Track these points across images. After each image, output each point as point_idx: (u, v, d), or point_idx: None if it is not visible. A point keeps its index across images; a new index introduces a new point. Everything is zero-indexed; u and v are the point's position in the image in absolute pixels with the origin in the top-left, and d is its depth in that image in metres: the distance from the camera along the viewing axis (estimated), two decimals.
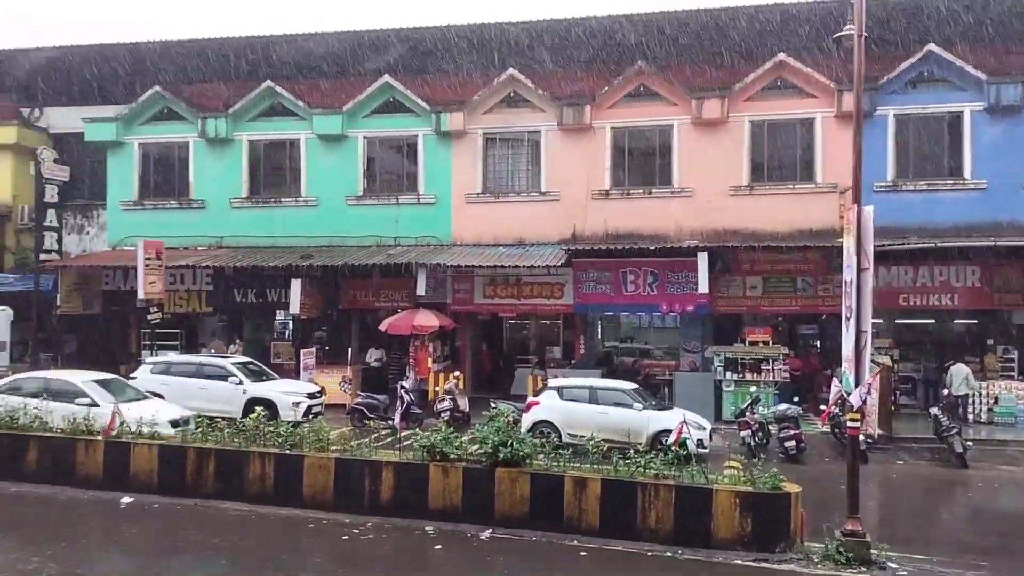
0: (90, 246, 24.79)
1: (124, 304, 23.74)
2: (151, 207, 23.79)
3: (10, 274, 24.34)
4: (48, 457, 13.14)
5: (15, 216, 24.69)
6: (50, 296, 23.06)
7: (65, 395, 14.84)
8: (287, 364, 21.82)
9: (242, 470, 12.47)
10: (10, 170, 24.69)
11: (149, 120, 23.94)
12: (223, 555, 10.68)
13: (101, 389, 15.30)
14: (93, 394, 14.88)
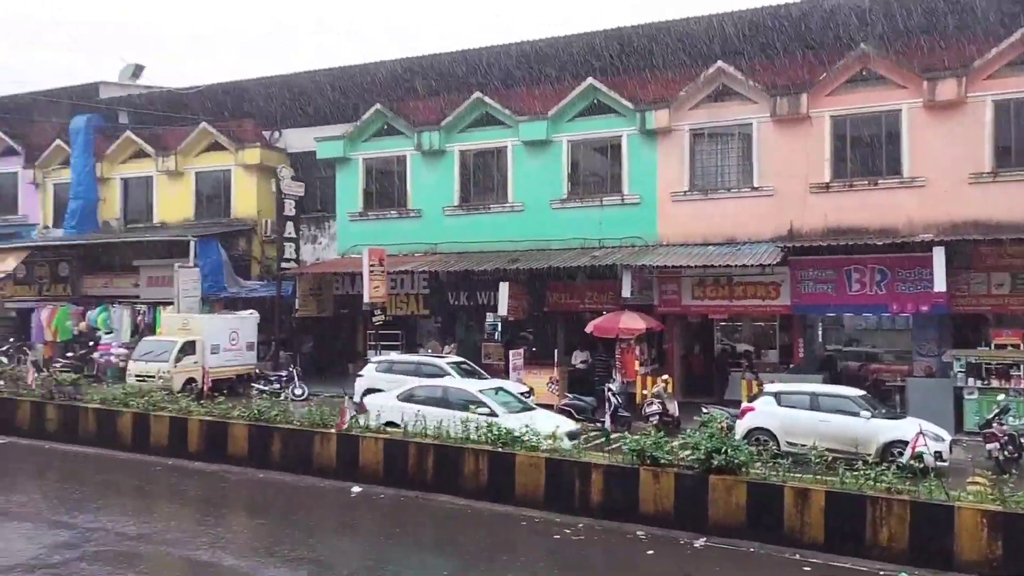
0: (322, 255, 26.96)
1: (352, 307, 25.59)
2: (374, 217, 25.46)
3: (257, 281, 27.03)
4: (291, 447, 14.39)
5: (260, 229, 27.38)
6: (289, 301, 25.35)
7: (462, 404, 14.65)
8: (496, 364, 22.46)
9: (458, 466, 12.96)
10: (255, 188, 27.42)
11: (371, 136, 25.64)
12: (443, 547, 11.17)
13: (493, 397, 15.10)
14: (491, 403, 14.66)
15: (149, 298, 27.08)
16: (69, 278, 29.60)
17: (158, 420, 15.63)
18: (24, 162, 31.38)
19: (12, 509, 12.06)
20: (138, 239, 27.60)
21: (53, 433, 16.78)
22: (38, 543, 10.33)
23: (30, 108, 31.99)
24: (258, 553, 10.28)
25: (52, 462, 15.65)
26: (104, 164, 29.53)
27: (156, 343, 22.40)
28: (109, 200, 29.78)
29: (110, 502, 12.70)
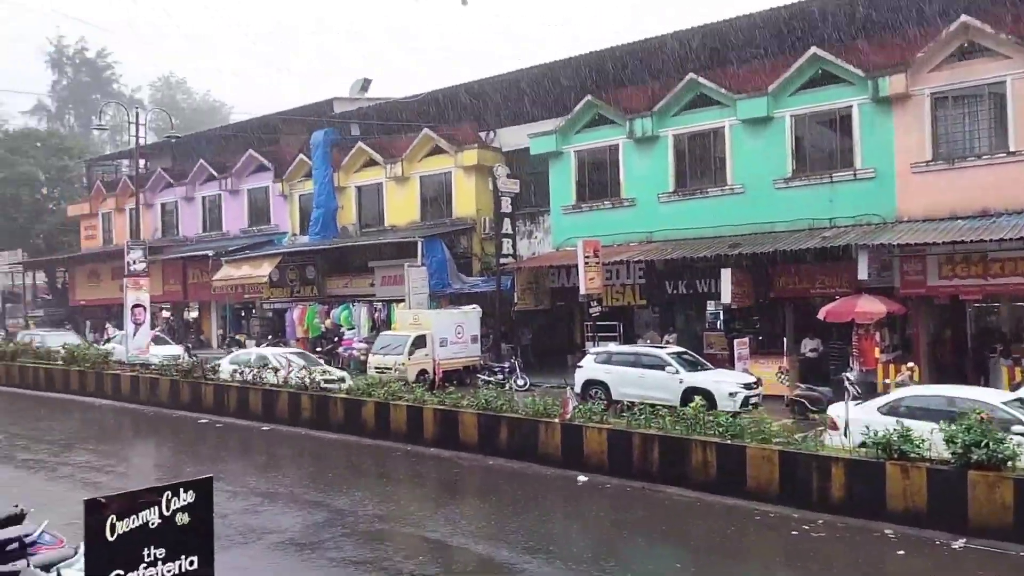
0: (538, 249, 27.53)
1: (568, 299, 25.90)
2: (587, 209, 25.58)
3: (478, 277, 28.14)
4: (516, 436, 14.79)
5: (479, 227, 28.47)
6: (509, 295, 26.13)
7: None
8: (720, 354, 21.73)
9: (684, 457, 12.67)
10: (473, 188, 28.54)
11: (583, 128, 25.77)
12: (672, 539, 10.97)
13: None
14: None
15: (383, 296, 29.05)
16: (315, 280, 32.44)
17: (397, 409, 16.69)
18: (274, 177, 34.78)
19: (279, 490, 13.38)
20: (372, 242, 29.68)
21: (307, 421, 18.44)
22: (302, 521, 11.38)
23: (277, 127, 35.46)
24: (491, 536, 10.65)
25: (307, 447, 17.21)
26: (340, 174, 32.04)
27: (392, 337, 23.96)
28: (346, 207, 32.28)
29: (357, 485, 13.72)
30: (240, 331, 35.00)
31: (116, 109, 50.30)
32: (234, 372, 20.94)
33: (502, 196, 26.81)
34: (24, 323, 42.98)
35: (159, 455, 18.05)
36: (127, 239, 32.32)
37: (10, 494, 12.27)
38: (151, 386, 22.67)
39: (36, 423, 21.10)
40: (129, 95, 68.52)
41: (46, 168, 48.96)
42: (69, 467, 15.28)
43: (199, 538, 5.86)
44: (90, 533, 5.20)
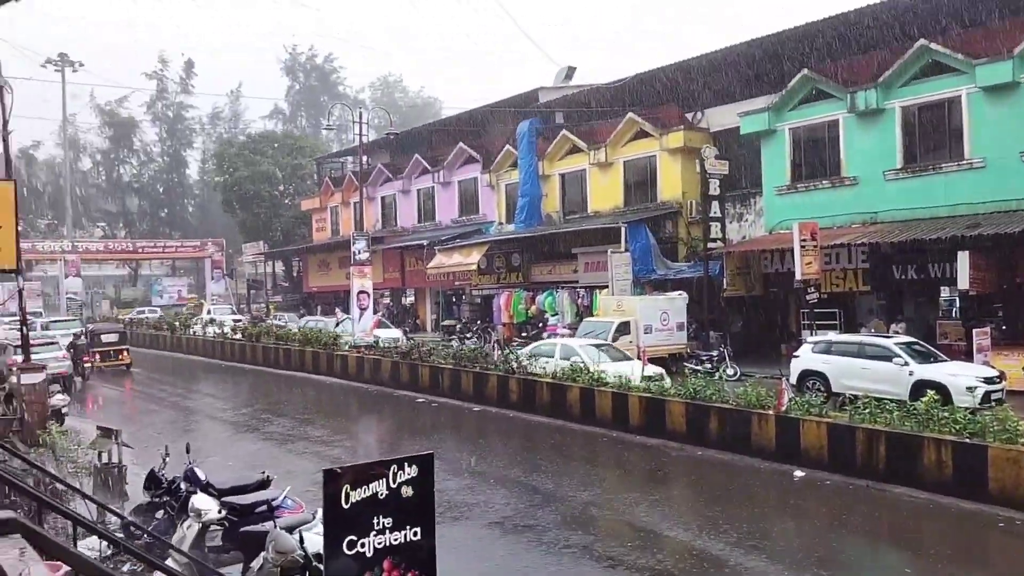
0: (749, 232, 26.45)
1: (782, 285, 24.68)
2: (803, 189, 24.19)
3: (684, 263, 27.52)
4: (727, 427, 14.34)
5: (685, 211, 27.80)
6: (717, 280, 25.33)
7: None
8: (956, 345, 19.81)
9: (915, 456, 11.70)
10: (679, 171, 27.91)
11: (798, 104, 24.37)
12: (902, 543, 10.17)
13: None
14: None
15: (587, 282, 29.21)
16: (521, 267, 33.26)
17: (601, 395, 16.74)
18: (482, 168, 36.01)
19: (490, 470, 13.88)
20: (575, 228, 29.91)
21: (514, 403, 18.97)
22: (514, 503, 11.73)
23: (485, 120, 36.63)
24: (700, 527, 10.40)
25: (515, 429, 17.70)
26: (545, 162, 32.54)
27: (595, 324, 24.04)
28: (550, 195, 32.76)
29: (565, 469, 13.92)
30: (452, 316, 36.65)
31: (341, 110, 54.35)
32: (531, 358, 19.60)
33: (710, 178, 26.00)
34: (265, 308, 47.66)
35: (380, 431, 19.35)
36: (352, 231, 34.82)
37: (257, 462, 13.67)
38: (374, 366, 24.33)
39: (277, 398, 23.34)
40: (353, 96, 73.68)
41: (282, 167, 53.86)
42: (304, 440, 16.76)
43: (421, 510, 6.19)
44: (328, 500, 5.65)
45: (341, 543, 5.73)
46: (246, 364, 30.92)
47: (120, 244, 61.40)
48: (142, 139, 70.07)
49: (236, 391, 25.63)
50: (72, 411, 18.25)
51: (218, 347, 33.73)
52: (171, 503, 9.14)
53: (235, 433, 18.03)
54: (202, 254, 58.81)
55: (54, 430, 15.52)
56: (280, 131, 66.29)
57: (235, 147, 56.76)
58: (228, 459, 14.39)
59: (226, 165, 54.44)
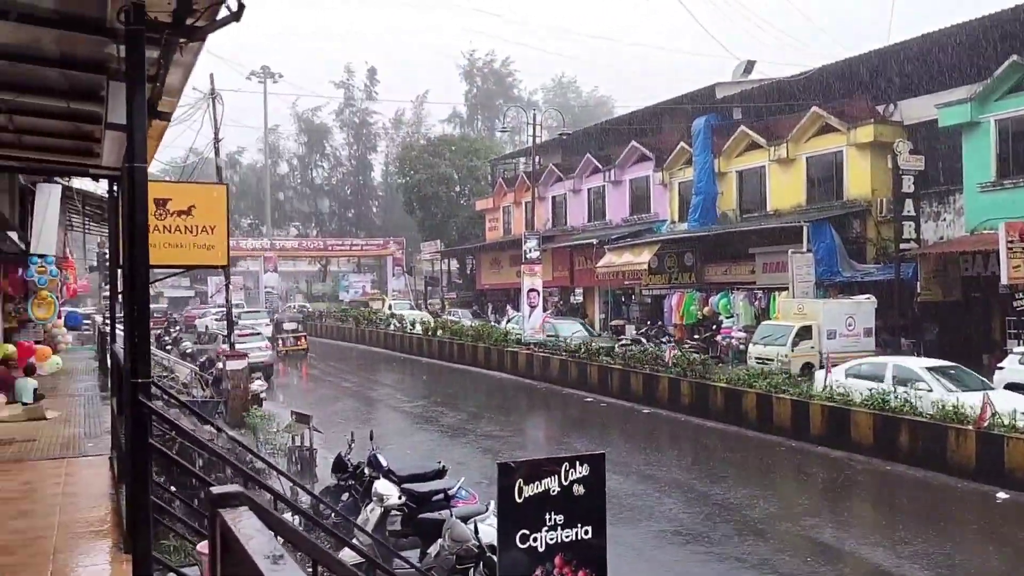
0: (947, 232, 24.42)
1: (985, 290, 22.61)
2: (1010, 186, 22.02)
3: (872, 265, 25.82)
4: (920, 441, 13.35)
5: (874, 210, 26.08)
6: (910, 284, 23.58)
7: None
8: None
9: None
10: (868, 167, 26.21)
11: (1005, 94, 22.20)
12: None
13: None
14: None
15: (764, 284, 28.11)
16: (694, 267, 32.50)
17: (780, 402, 16.08)
18: (654, 166, 35.54)
19: (660, 474, 13.71)
20: (753, 227, 28.86)
21: (686, 407, 18.60)
22: (686, 510, 11.53)
23: (657, 118, 36.15)
24: (886, 547, 9.78)
25: (686, 433, 17.37)
26: (721, 160, 31.63)
27: (774, 327, 23.09)
28: (726, 193, 31.80)
29: (739, 477, 13.50)
30: (621, 316, 36.47)
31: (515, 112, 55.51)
32: (847, 378, 16.13)
33: (903, 175, 24.24)
34: (441, 304, 49.56)
35: (549, 428, 19.60)
36: (523, 230, 35.47)
37: (432, 452, 14.28)
38: (543, 364, 24.68)
39: (450, 392, 24.22)
40: (527, 98, 75.01)
41: (459, 168, 55.75)
42: (475, 433, 17.29)
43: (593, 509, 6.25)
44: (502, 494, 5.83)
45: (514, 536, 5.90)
46: (422, 357, 32.31)
47: (312, 242, 66.02)
48: (332, 144, 74.94)
49: (413, 383, 26.84)
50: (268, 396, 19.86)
51: (396, 340, 35.47)
52: (356, 487, 9.74)
53: (411, 423, 18.90)
54: (384, 252, 62.02)
55: (254, 413, 16.98)
56: (457, 134, 68.62)
57: (415, 151, 59.39)
58: (406, 448, 15.11)
59: (407, 168, 57.08)
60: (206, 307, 52.87)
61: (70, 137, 5.96)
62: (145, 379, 3.37)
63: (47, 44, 3.92)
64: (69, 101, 4.80)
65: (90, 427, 9.92)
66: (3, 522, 5.55)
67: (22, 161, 7.07)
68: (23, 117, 5.42)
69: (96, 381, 15.18)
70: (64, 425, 10.07)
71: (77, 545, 5.18)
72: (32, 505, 6.05)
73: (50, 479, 6.94)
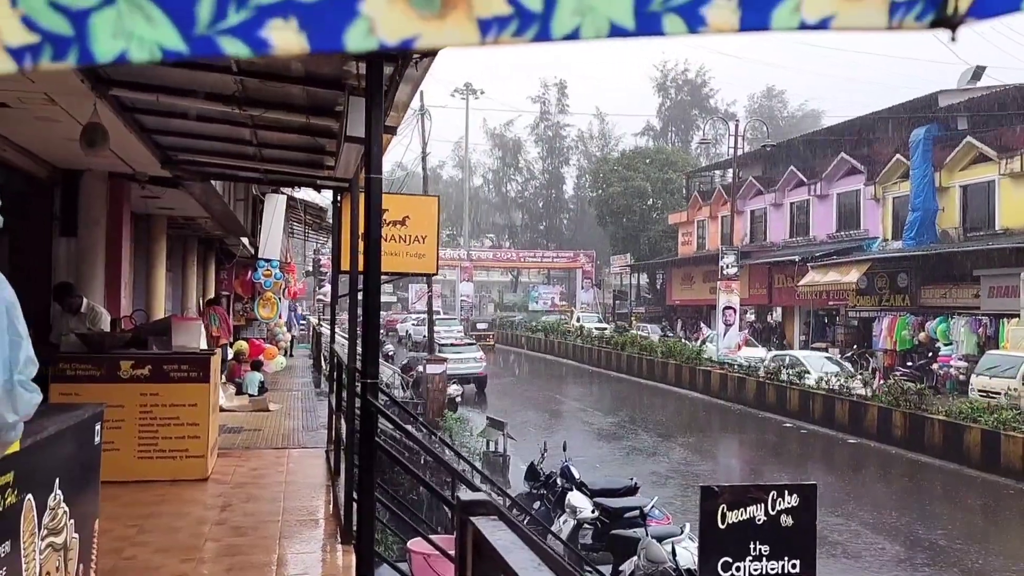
0: None
1: None
2: None
3: None
4: None
5: None
6: None
7: None
8: None
9: None
10: None
11: None
12: None
13: None
14: None
15: (991, 309, 25.46)
16: (908, 289, 30.09)
17: (1010, 440, 14.46)
18: (866, 180, 33.30)
19: (866, 510, 12.74)
20: (979, 247, 26.27)
21: (898, 439, 17.19)
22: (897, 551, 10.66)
23: (871, 128, 33.89)
24: None
25: (898, 468, 16.03)
26: (943, 173, 29.10)
27: (1001, 358, 20.85)
28: (948, 209, 29.20)
29: (960, 521, 12.28)
30: (824, 339, 34.44)
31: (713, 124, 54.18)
32: None
33: None
34: (629, 319, 49.18)
35: (744, 453, 18.81)
36: (720, 245, 34.43)
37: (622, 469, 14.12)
38: (738, 384, 23.77)
39: (639, 407, 23.90)
40: (724, 109, 72.99)
41: (653, 181, 55.17)
42: (666, 452, 16.92)
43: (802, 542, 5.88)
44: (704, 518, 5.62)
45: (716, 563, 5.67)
46: (610, 371, 32.17)
47: (505, 254, 67.86)
48: (525, 158, 76.73)
49: (600, 397, 26.75)
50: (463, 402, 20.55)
51: (585, 352, 35.57)
52: (548, 496, 9.82)
53: (599, 437, 18.82)
54: (574, 265, 62.52)
55: (449, 416, 17.62)
56: (652, 147, 68.02)
57: (609, 164, 59.48)
58: (594, 461, 15.05)
59: (600, 181, 57.26)
60: (406, 313, 55.80)
61: (304, 150, 6.45)
62: (374, 380, 3.54)
63: (295, 63, 4.25)
64: (308, 116, 5.19)
65: (307, 421, 10.68)
66: (238, 504, 6.07)
67: (261, 172, 7.74)
68: (265, 132, 5.92)
69: (311, 378, 16.36)
70: (285, 418, 10.91)
71: (300, 532, 5.56)
72: (260, 491, 6.57)
73: (274, 467, 7.52)
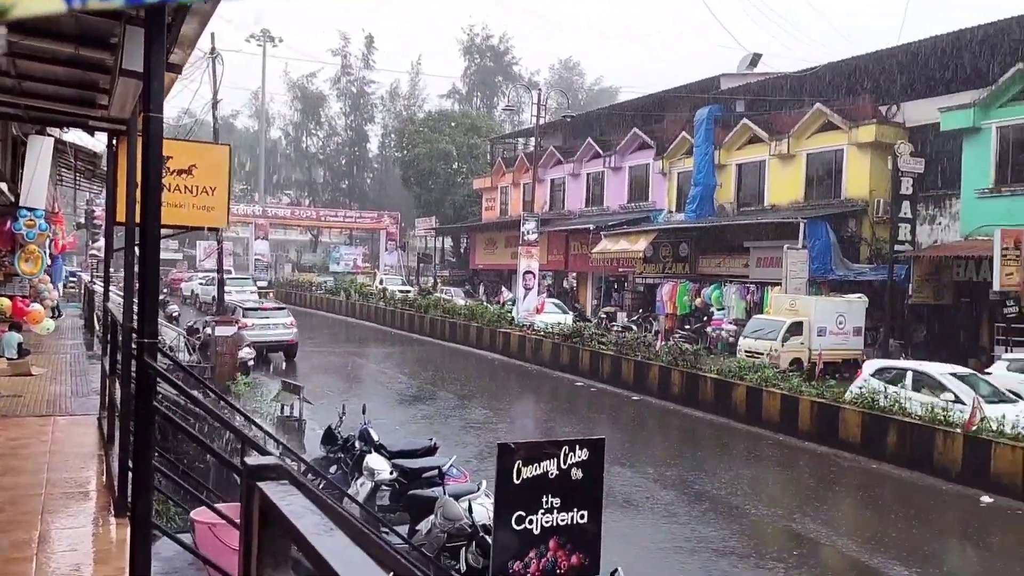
0: (941, 236, 24.45)
1: (976, 296, 22.70)
2: (1008, 194, 22.03)
3: (866, 264, 25.85)
4: (907, 441, 13.40)
5: (871, 210, 26.06)
6: (902, 286, 23.62)
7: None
8: None
9: None
10: (867, 167, 26.16)
11: (1009, 101, 22.16)
12: None
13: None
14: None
15: (758, 278, 28.10)
16: (688, 258, 32.46)
17: (770, 396, 16.10)
18: (655, 155, 35.37)
19: (649, 462, 13.71)
20: (750, 221, 28.81)
21: (676, 396, 18.61)
22: (675, 499, 11.53)
23: (661, 106, 35.95)
24: (866, 540, 9.85)
25: (676, 422, 17.38)
26: (722, 151, 31.49)
27: (765, 322, 23.09)
28: (725, 185, 31.71)
29: (728, 468, 13.52)
30: (612, 303, 36.44)
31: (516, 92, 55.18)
32: None
33: (903, 176, 24.20)
34: (433, 282, 49.37)
35: (539, 410, 19.58)
36: (522, 211, 35.29)
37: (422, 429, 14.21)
38: (536, 347, 24.63)
39: (442, 370, 24.13)
40: (528, 78, 74.42)
41: (458, 145, 55.36)
42: (466, 412, 17.24)
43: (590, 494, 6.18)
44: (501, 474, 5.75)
45: (511, 517, 5.83)
46: (414, 334, 32.19)
47: (304, 212, 65.41)
48: (327, 113, 74.14)
49: (402, 360, 26.72)
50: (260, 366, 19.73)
51: (388, 315, 35.33)
52: (346, 460, 9.66)
53: (401, 400, 18.82)
54: (378, 226, 61.58)
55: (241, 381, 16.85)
56: (457, 110, 68.12)
57: (415, 124, 58.92)
58: (395, 424, 15.03)
59: (406, 141, 56.64)
60: (193, 271, 52.48)
61: (74, 86, 5.78)
62: (151, 339, 3.25)
63: None
64: (78, 46, 4.63)
65: (77, 386, 9.79)
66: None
67: (21, 109, 6.87)
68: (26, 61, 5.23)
69: (82, 340, 14.99)
70: (51, 383, 9.93)
71: (67, 505, 5.08)
72: (20, 462, 5.94)
73: (37, 437, 6.82)
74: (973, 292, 23.00)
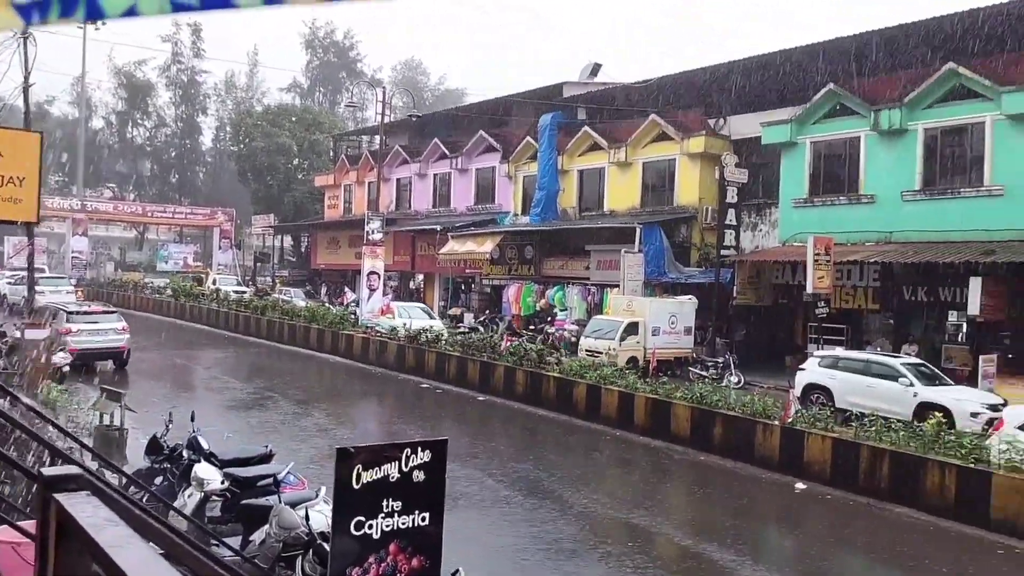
0: (762, 242, 26.34)
1: (792, 297, 24.60)
2: (820, 204, 24.08)
3: (695, 268, 27.43)
4: (731, 434, 14.30)
5: (700, 216, 27.69)
6: (728, 288, 25.25)
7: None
8: (960, 370, 19.74)
9: (918, 477, 11.68)
10: (697, 176, 27.78)
11: (821, 119, 24.22)
12: (899, 562, 10.15)
13: None
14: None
15: (598, 280, 29.14)
16: (533, 260, 33.17)
17: (608, 393, 16.70)
18: (501, 158, 35.89)
19: (492, 459, 13.85)
20: (590, 225, 29.82)
21: (520, 395, 18.92)
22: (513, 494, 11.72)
23: (507, 110, 36.50)
24: (695, 529, 10.44)
25: (519, 421, 17.66)
26: (564, 157, 32.41)
27: (604, 322, 23.99)
28: (567, 190, 32.65)
29: (566, 464, 13.90)
30: (459, 304, 36.61)
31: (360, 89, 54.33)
32: None
33: (728, 186, 25.88)
34: (272, 282, 47.62)
35: (384, 414, 19.35)
36: (367, 210, 34.73)
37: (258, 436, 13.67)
38: (380, 349, 24.31)
39: (280, 374, 23.31)
40: (372, 75, 73.41)
41: (299, 140, 53.76)
42: (307, 417, 16.76)
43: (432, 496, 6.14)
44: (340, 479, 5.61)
45: (349, 523, 5.69)
46: (250, 336, 30.91)
47: (129, 206, 61.04)
48: (156, 103, 69.78)
49: (237, 364, 25.59)
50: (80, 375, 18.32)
51: (222, 317, 33.74)
52: (172, 470, 9.12)
53: (237, 406, 18.03)
54: (211, 222, 58.55)
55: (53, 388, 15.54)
56: (298, 105, 66.15)
57: (253, 117, 56.68)
58: (229, 431, 14.36)
59: (243, 135, 54.37)
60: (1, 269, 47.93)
61: None
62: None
63: None
64: None
65: None
66: None
67: None
68: None
69: None
70: None
71: None
72: None
73: None
74: (790, 294, 24.92)
